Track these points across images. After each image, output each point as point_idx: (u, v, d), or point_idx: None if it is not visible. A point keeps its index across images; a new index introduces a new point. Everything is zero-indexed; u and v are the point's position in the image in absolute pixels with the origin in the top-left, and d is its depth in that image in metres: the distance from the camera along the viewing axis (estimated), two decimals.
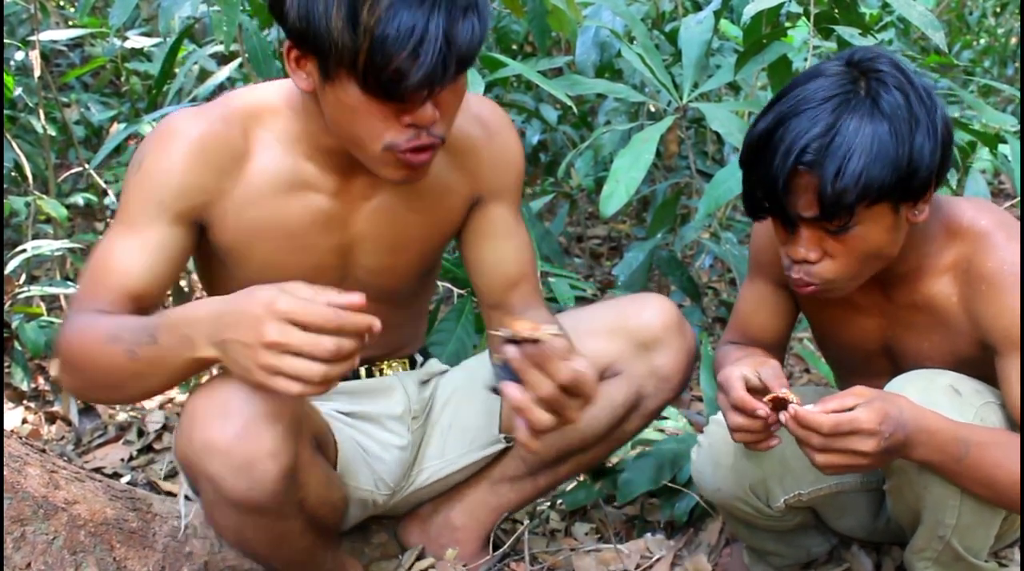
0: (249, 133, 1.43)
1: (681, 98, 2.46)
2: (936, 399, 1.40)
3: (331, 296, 1.17)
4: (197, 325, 1.22)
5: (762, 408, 1.37)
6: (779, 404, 1.37)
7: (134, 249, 1.39)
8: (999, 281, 1.41)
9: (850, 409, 1.31)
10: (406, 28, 1.20)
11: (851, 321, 1.60)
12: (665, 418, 2.21)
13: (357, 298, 1.18)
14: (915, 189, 1.35)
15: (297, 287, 1.18)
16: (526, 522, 1.97)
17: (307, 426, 1.46)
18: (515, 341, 1.26)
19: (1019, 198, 2.42)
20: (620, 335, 1.70)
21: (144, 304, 1.40)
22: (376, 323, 1.19)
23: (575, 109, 2.42)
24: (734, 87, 3.15)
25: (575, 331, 1.65)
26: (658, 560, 1.87)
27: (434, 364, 1.84)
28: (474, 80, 2.12)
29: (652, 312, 1.71)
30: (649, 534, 1.98)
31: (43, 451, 1.65)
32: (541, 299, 1.69)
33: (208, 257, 1.54)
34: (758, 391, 1.40)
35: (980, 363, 1.48)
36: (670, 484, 2.00)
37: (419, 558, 1.81)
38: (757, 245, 1.68)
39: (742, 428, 1.41)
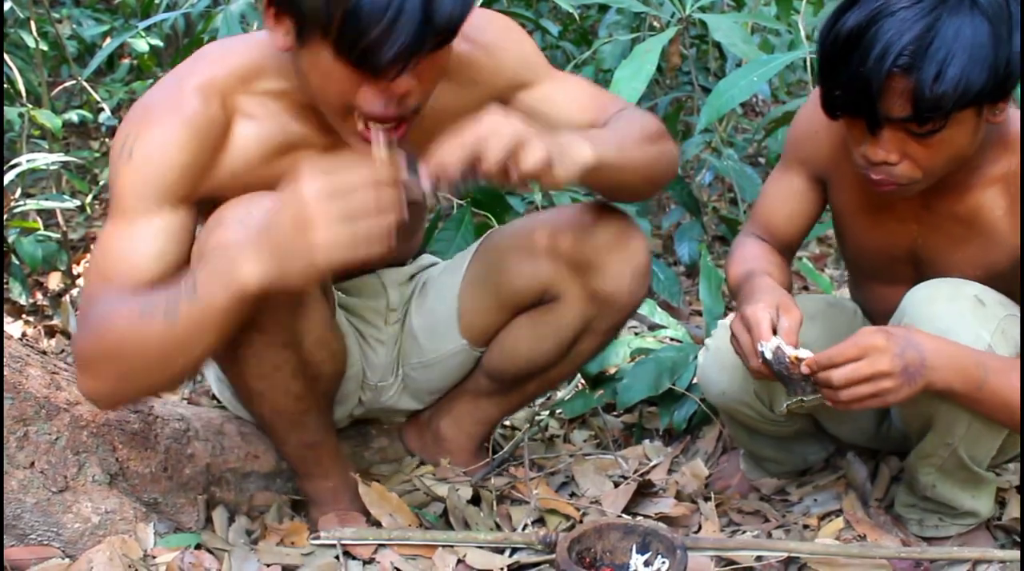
0: (228, 104, 1.37)
1: (684, 9, 2.42)
2: (961, 307, 1.39)
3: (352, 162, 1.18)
4: (237, 248, 1.21)
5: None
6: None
7: (140, 239, 1.33)
8: None
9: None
10: (381, 0, 1.15)
11: (883, 224, 1.56)
12: (664, 327, 2.21)
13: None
14: (1006, 91, 1.31)
15: (319, 166, 1.18)
16: (525, 428, 1.98)
17: None
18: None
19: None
20: (555, 256, 1.61)
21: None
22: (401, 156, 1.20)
23: (577, 18, 2.38)
24: (737, 1, 3.10)
25: (513, 249, 1.63)
26: (656, 465, 1.89)
27: (424, 258, 1.84)
28: None
29: (590, 230, 1.59)
30: (647, 441, 1.99)
31: (43, 353, 1.65)
32: (617, 109, 1.56)
33: None
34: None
35: (1010, 278, 1.46)
36: (671, 387, 2.00)
37: (420, 464, 1.84)
38: (797, 135, 1.62)
39: (760, 374, 1.42)
